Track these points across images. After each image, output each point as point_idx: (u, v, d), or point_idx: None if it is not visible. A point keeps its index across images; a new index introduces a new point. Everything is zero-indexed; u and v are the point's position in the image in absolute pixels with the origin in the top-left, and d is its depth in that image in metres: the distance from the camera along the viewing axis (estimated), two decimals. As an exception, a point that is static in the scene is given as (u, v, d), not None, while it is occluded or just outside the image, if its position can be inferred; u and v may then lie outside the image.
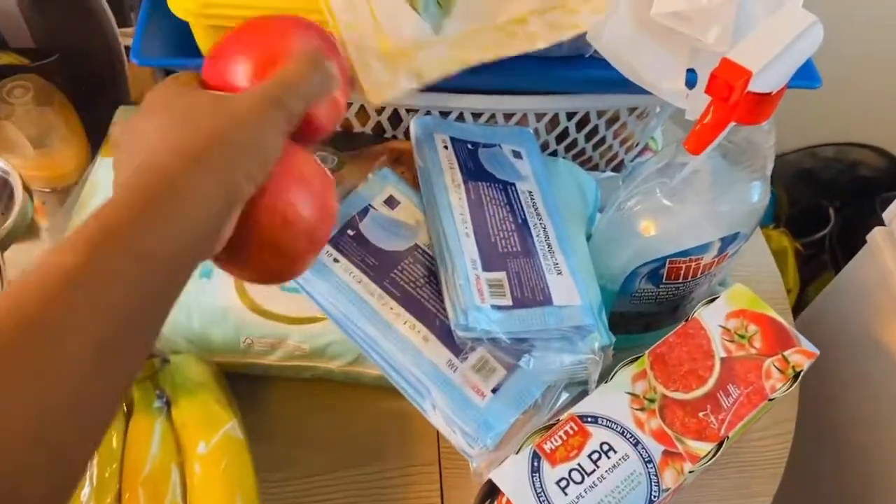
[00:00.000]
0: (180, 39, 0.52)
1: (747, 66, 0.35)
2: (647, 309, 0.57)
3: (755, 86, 0.39)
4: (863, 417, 0.67)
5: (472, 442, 0.46)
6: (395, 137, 0.61)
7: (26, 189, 0.52)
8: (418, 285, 0.49)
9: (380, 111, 0.58)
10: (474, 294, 0.47)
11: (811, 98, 0.79)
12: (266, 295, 0.50)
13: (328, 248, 0.50)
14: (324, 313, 0.49)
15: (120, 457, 0.43)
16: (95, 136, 0.58)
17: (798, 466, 0.61)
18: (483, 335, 0.46)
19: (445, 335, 0.48)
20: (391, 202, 0.52)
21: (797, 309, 0.82)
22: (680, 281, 0.54)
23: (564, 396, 0.48)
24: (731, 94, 0.37)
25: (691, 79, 0.49)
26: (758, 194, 0.50)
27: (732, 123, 0.44)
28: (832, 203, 1.27)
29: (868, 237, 0.66)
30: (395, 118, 0.59)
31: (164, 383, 0.46)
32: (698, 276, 0.54)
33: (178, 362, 0.47)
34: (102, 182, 0.54)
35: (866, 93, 1.12)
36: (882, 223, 0.66)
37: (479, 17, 0.48)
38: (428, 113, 0.57)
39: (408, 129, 0.60)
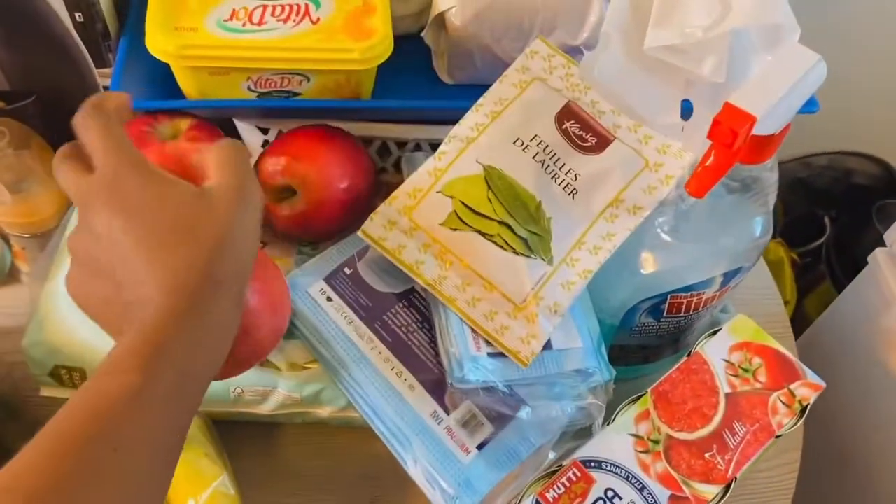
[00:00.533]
0: (161, 80, 0.51)
1: (751, 111, 0.34)
2: (647, 342, 0.56)
3: (759, 129, 0.37)
4: (867, 441, 0.66)
5: (451, 502, 0.44)
6: (384, 170, 0.59)
7: (1, 235, 0.51)
8: (410, 331, 0.48)
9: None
10: (469, 343, 0.45)
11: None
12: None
13: (323, 285, 0.48)
14: (314, 357, 0.48)
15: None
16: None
17: (804, 493, 0.60)
18: (479, 385, 0.45)
19: (432, 386, 0.46)
20: None
21: (795, 320, 0.81)
22: (682, 314, 0.53)
23: (552, 456, 0.46)
24: (736, 140, 0.35)
25: (686, 107, 0.48)
26: (761, 229, 0.49)
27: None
28: (827, 212, 1.26)
29: (869, 258, 0.65)
30: (384, 150, 0.58)
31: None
32: (700, 309, 0.53)
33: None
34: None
35: (859, 101, 1.12)
36: (878, 231, 0.65)
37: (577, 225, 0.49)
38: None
39: (398, 160, 0.58)
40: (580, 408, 0.47)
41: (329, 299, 0.48)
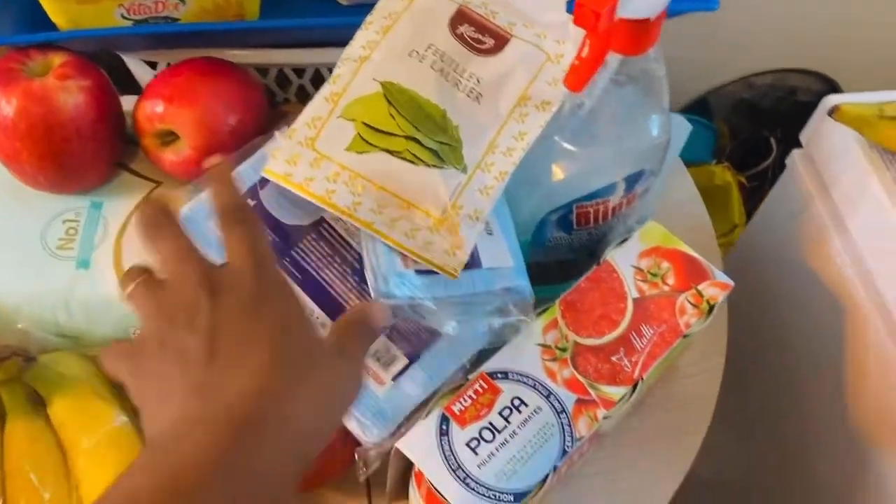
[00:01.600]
0: (35, 12, 0.49)
1: (607, -10, 0.33)
2: (562, 257, 0.55)
3: (627, 11, 0.36)
4: (793, 342, 0.67)
5: (367, 430, 0.44)
6: (286, 100, 0.57)
7: None
8: (320, 266, 0.47)
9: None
10: (396, 260, 0.45)
11: (743, 26, 0.77)
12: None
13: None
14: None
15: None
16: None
17: (729, 396, 0.60)
18: (405, 301, 0.44)
19: None
20: None
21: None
22: (591, 226, 0.52)
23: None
24: (598, 22, 0.34)
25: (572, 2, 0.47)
26: (658, 128, 0.48)
27: (619, 56, 0.42)
28: (773, 132, 1.26)
29: (787, 160, 0.65)
30: (283, 80, 0.56)
31: (33, 383, 0.43)
32: (608, 219, 0.52)
33: (46, 360, 0.44)
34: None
35: (799, 16, 1.11)
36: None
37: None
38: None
39: (299, 89, 0.57)
40: (507, 324, 0.47)
41: None
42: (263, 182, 0.48)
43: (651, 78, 0.45)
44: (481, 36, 0.48)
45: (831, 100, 0.59)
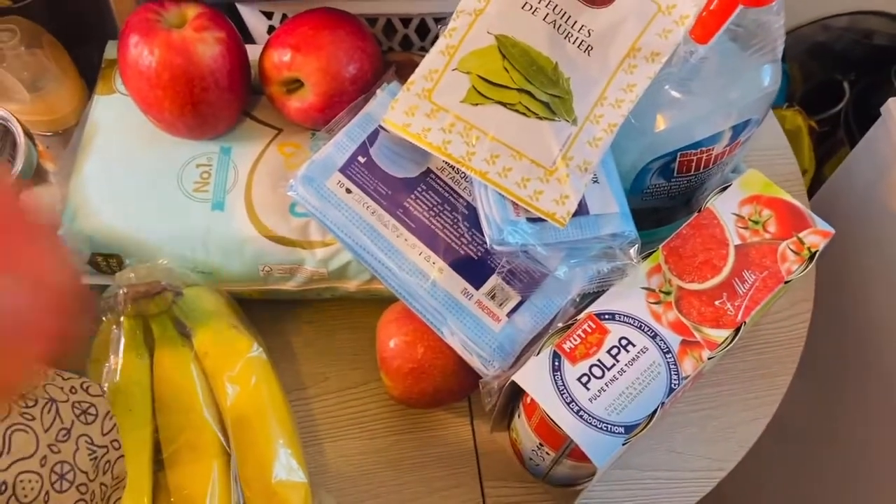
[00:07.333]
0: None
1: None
2: (659, 204, 0.57)
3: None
4: (880, 291, 0.67)
5: (488, 365, 0.47)
6: (391, 49, 0.59)
7: (27, 134, 0.52)
8: (432, 214, 0.49)
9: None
10: (509, 209, 0.47)
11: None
12: (280, 222, 0.51)
13: (340, 177, 0.49)
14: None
15: (150, 392, 0.44)
16: (89, 75, 0.57)
17: (818, 345, 0.62)
18: (518, 248, 0.47)
19: (460, 265, 0.48)
20: None
21: (815, 188, 0.81)
22: (692, 173, 0.54)
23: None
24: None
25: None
26: (769, 78, 0.49)
27: (740, 7, 0.42)
28: (846, 76, 1.23)
29: (882, 109, 0.65)
30: (389, 29, 0.58)
31: (181, 316, 0.47)
32: (710, 166, 0.53)
33: (191, 294, 0.48)
34: (102, 120, 0.53)
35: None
36: (896, 93, 0.64)
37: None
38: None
39: (403, 38, 0.58)
40: (615, 267, 0.49)
41: (348, 191, 0.49)
42: (372, 138, 0.50)
43: (767, 28, 0.45)
44: (593, -13, 0.49)
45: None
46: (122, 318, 0.45)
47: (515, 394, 0.49)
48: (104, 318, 0.46)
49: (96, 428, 0.36)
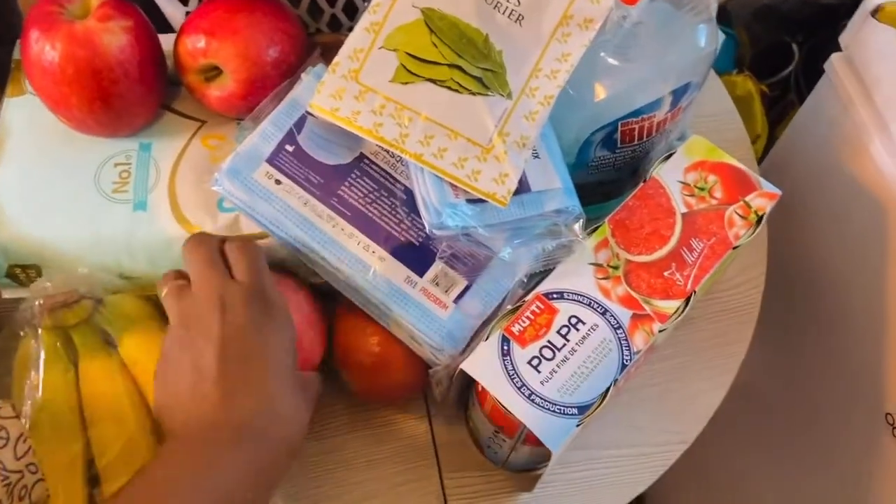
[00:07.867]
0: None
1: None
2: (605, 177, 0.55)
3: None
4: (833, 250, 0.67)
5: (438, 353, 0.46)
6: (318, 31, 0.57)
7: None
8: (368, 201, 0.47)
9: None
10: (447, 190, 0.45)
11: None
12: (207, 218, 0.48)
13: (268, 168, 0.47)
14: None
15: (77, 406, 0.42)
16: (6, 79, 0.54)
17: (772, 309, 0.61)
18: (459, 231, 0.45)
19: (401, 252, 0.46)
20: None
21: (767, 152, 0.81)
22: (635, 143, 0.52)
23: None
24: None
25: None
26: (705, 38, 0.47)
27: (668, -37, 0.41)
28: (794, 38, 1.23)
29: (825, 66, 0.64)
30: (315, 10, 0.55)
31: (103, 324, 0.44)
32: (654, 134, 0.52)
33: (114, 301, 0.45)
34: (14, 123, 0.50)
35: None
36: (844, 51, 0.63)
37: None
38: None
39: (331, 19, 0.56)
40: (560, 245, 0.47)
41: (278, 182, 0.46)
42: (300, 125, 0.48)
43: (700, -14, 0.44)
44: (521, -47, 0.47)
45: (874, 0, 0.57)
46: (39, 332, 0.42)
47: (469, 381, 0.47)
48: (21, 333, 0.43)
49: (8, 452, 0.33)
